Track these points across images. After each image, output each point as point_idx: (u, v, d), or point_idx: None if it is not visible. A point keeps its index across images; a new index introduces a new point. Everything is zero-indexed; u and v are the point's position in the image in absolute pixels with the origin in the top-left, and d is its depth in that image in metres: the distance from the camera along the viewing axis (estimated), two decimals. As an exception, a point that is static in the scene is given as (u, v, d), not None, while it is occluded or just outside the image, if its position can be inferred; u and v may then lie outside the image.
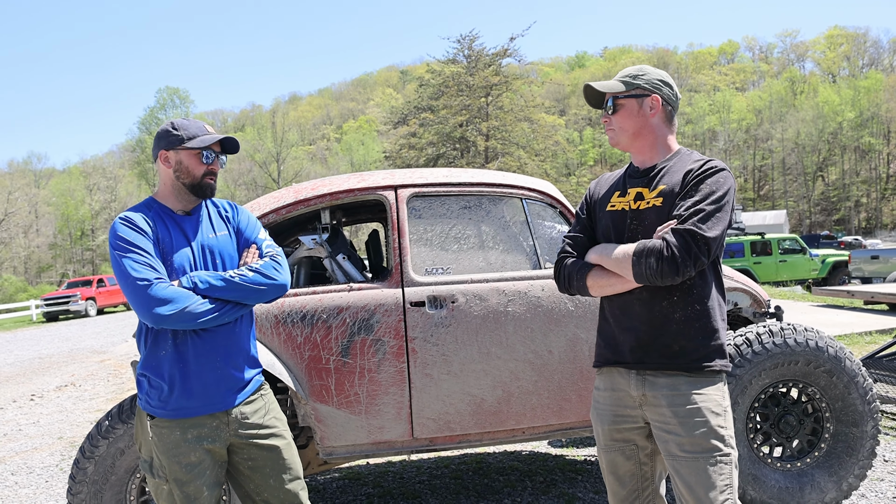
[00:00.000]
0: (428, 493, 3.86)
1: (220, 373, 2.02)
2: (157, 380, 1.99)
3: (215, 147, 2.08)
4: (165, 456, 1.99)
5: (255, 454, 2.09)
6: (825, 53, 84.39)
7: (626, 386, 1.95)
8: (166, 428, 1.99)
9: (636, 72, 1.99)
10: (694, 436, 1.82)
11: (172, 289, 1.91)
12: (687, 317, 1.86)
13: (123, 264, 1.91)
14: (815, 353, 3.04)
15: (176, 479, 1.99)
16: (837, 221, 66.23)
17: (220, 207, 2.20)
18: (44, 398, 8.38)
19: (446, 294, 2.97)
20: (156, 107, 61.08)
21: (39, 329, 21.32)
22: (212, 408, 2.01)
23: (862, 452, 3.08)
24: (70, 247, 63.27)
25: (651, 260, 1.78)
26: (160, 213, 2.07)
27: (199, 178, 2.06)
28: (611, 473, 2.04)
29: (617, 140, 2.00)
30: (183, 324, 1.92)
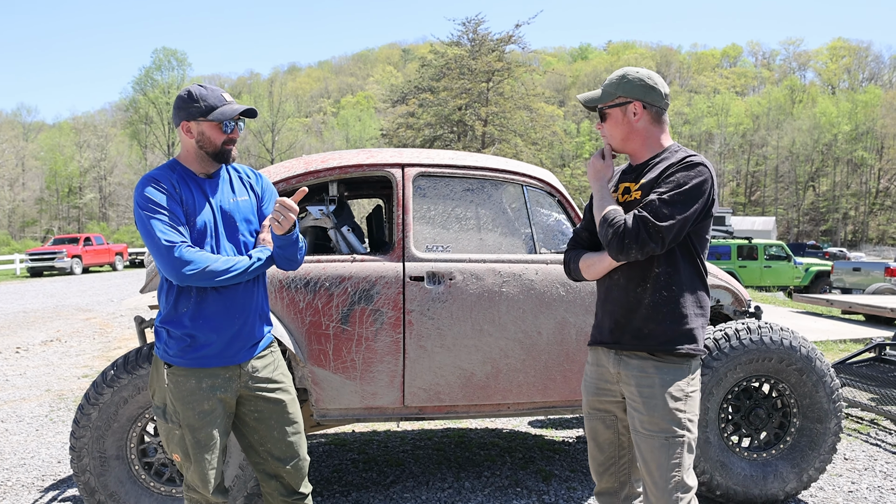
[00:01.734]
0: (411, 462, 4.02)
1: (237, 329, 2.15)
2: (176, 331, 2.11)
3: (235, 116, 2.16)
4: (180, 402, 2.12)
5: (262, 406, 2.23)
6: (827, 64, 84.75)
7: (607, 363, 2.14)
8: (182, 376, 2.12)
9: (617, 79, 2.08)
10: (653, 416, 1.99)
11: (195, 251, 2.04)
12: (655, 302, 2.00)
13: (151, 225, 2.03)
14: (788, 352, 3.21)
15: (189, 425, 2.12)
16: (825, 232, 66.91)
17: (242, 172, 2.31)
18: (29, 351, 8.45)
19: (445, 271, 3.10)
20: (151, 67, 60.16)
21: (23, 284, 21.25)
22: (227, 361, 2.15)
23: (824, 447, 3.27)
24: (56, 203, 62.65)
25: (608, 229, 1.97)
26: (184, 175, 2.17)
27: (220, 147, 2.16)
28: (592, 439, 2.23)
29: (612, 146, 2.16)
30: (205, 282, 2.05)
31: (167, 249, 2.00)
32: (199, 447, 2.13)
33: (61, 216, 62.93)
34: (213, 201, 2.17)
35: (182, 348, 2.11)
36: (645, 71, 2.09)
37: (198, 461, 2.14)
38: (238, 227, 2.20)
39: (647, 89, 2.06)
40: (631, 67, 2.10)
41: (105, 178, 62.44)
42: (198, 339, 2.11)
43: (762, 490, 3.21)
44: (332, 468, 3.94)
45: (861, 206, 67.82)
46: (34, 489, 3.74)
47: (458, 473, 3.80)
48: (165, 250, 2.00)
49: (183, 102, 2.14)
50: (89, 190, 62.51)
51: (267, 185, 2.34)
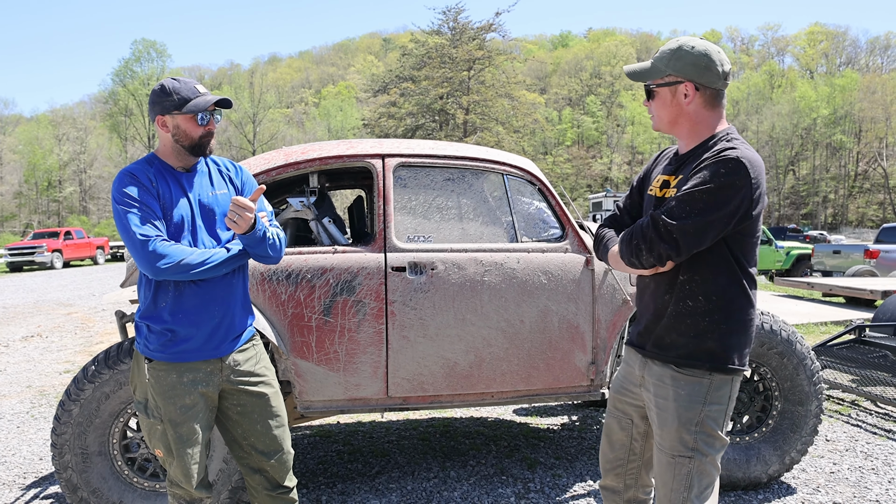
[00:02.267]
0: (396, 452, 4.02)
1: (217, 322, 2.13)
2: (157, 326, 2.09)
3: (210, 107, 2.14)
4: (161, 397, 2.10)
5: (245, 400, 2.21)
6: (805, 49, 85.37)
7: (634, 364, 2.03)
8: (164, 371, 2.10)
9: (670, 53, 1.83)
10: (663, 430, 1.88)
11: (170, 245, 2.02)
12: (678, 312, 1.84)
13: (127, 219, 2.01)
14: (768, 336, 3.25)
15: (171, 420, 2.10)
16: (805, 216, 67.67)
17: (221, 165, 2.28)
18: (10, 347, 8.34)
19: (426, 261, 3.09)
20: (131, 59, 59.34)
21: (3, 279, 20.93)
22: (208, 354, 2.13)
23: (805, 430, 3.31)
24: (36, 197, 61.69)
25: (622, 245, 1.85)
26: (161, 169, 2.15)
27: (197, 140, 2.13)
28: (606, 435, 2.15)
29: (657, 126, 1.93)
30: (180, 275, 2.03)
31: (142, 244, 1.98)
32: (181, 442, 2.11)
33: (41, 210, 61.98)
34: (192, 195, 2.15)
35: (162, 343, 2.09)
36: (702, 44, 1.81)
37: (180, 456, 2.12)
38: (217, 220, 2.18)
39: (702, 69, 1.80)
40: (687, 39, 1.83)
41: (85, 172, 61.57)
42: (178, 333, 2.09)
43: (745, 473, 3.25)
44: (317, 460, 3.93)
45: (840, 190, 68.65)
46: (15, 487, 3.69)
47: (444, 463, 3.81)
48: (140, 244, 1.98)
49: (157, 97, 2.12)
50: (69, 183, 61.60)
51: (247, 178, 2.31)
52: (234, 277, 2.20)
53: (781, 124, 67.88)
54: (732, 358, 1.82)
